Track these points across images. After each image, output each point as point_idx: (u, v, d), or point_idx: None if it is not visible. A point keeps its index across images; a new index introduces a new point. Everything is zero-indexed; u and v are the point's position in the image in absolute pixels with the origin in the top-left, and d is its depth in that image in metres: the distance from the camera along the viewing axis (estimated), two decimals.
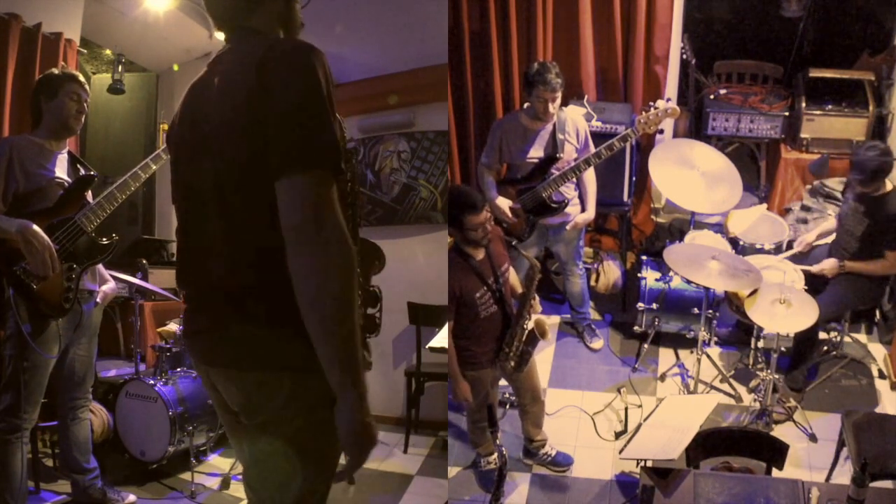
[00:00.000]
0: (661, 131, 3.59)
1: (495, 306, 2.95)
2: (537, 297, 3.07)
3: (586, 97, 4.21)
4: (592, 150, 3.60)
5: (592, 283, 4.42)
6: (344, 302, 1.38)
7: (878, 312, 4.03)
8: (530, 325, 2.97)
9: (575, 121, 3.58)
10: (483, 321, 2.94)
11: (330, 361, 1.39)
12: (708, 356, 3.73)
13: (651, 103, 3.48)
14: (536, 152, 3.55)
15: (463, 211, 2.79)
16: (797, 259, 3.70)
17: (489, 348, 3.01)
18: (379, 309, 1.86)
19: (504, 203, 3.60)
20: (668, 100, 3.48)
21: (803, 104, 4.35)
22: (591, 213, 3.70)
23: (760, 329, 3.58)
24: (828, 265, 3.51)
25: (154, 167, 2.95)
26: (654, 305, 3.83)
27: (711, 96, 4.56)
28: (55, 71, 2.89)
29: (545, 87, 3.38)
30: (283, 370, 1.50)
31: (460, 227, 2.83)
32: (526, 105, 3.58)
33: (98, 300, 3.00)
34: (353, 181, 1.77)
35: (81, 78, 2.86)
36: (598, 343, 4.08)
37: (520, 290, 3.08)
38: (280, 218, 1.40)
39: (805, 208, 4.25)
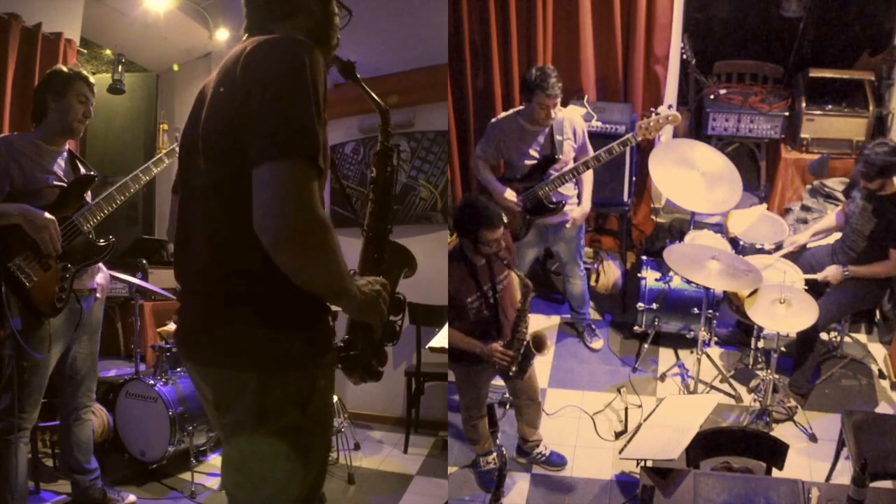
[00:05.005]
0: (658, 136, 3.58)
1: (486, 311, 2.96)
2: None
3: (586, 97, 4.20)
4: (590, 149, 3.60)
5: (592, 283, 4.42)
6: (334, 284, 1.45)
7: (878, 312, 4.03)
8: (528, 337, 2.98)
9: (572, 120, 3.57)
10: (473, 323, 2.96)
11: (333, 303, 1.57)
12: (708, 356, 3.73)
13: (653, 109, 3.47)
14: (535, 153, 3.55)
15: (480, 226, 2.76)
16: (792, 258, 3.70)
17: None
18: (401, 317, 1.78)
19: (512, 196, 3.55)
20: (671, 106, 3.47)
21: (803, 104, 4.35)
22: (586, 206, 3.69)
23: (760, 329, 3.58)
24: (831, 273, 3.48)
25: (155, 170, 2.94)
26: (654, 305, 3.83)
27: (711, 96, 4.56)
28: (63, 68, 2.83)
29: (546, 95, 3.34)
30: (250, 370, 1.49)
31: (474, 239, 2.82)
32: (522, 107, 3.53)
33: (98, 295, 2.99)
34: (392, 173, 1.74)
35: (91, 78, 2.82)
36: (598, 343, 4.08)
37: (518, 291, 3.09)
38: (253, 207, 1.34)
39: (805, 208, 4.25)
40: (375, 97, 1.72)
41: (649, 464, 2.64)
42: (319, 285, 1.44)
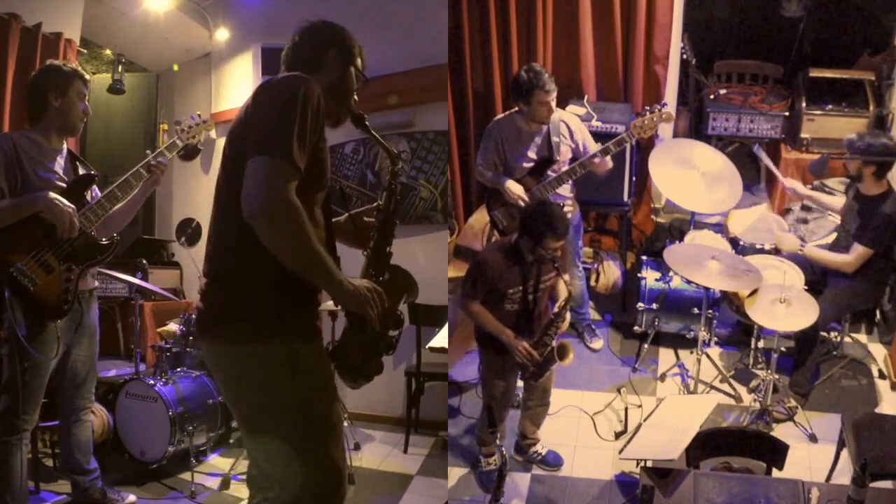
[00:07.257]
0: (658, 136, 3.56)
1: (519, 305, 3.00)
2: (567, 317, 3.07)
3: (586, 97, 4.20)
4: (591, 148, 3.58)
5: (592, 283, 4.42)
6: (304, 257, 1.67)
7: (878, 312, 4.03)
8: (554, 343, 2.99)
9: (569, 122, 3.56)
10: (505, 312, 3.00)
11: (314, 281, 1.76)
12: (708, 356, 3.73)
13: (647, 107, 3.48)
14: (532, 155, 3.54)
15: (547, 233, 2.83)
16: (792, 259, 3.69)
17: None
18: (399, 332, 1.93)
19: (517, 187, 3.51)
20: (664, 104, 3.46)
21: (803, 104, 4.35)
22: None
23: (760, 329, 3.58)
24: (787, 241, 3.53)
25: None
26: (654, 305, 3.83)
27: (711, 96, 4.56)
28: (59, 64, 2.81)
29: (544, 91, 3.33)
30: (234, 344, 1.76)
31: (536, 242, 2.87)
32: (518, 109, 3.50)
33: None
34: (395, 212, 1.97)
35: (87, 75, 2.83)
36: (598, 343, 4.08)
37: (562, 294, 3.10)
38: (242, 188, 1.65)
39: (805, 208, 4.24)
40: (387, 146, 2.00)
41: (649, 464, 2.64)
42: (292, 256, 1.67)
